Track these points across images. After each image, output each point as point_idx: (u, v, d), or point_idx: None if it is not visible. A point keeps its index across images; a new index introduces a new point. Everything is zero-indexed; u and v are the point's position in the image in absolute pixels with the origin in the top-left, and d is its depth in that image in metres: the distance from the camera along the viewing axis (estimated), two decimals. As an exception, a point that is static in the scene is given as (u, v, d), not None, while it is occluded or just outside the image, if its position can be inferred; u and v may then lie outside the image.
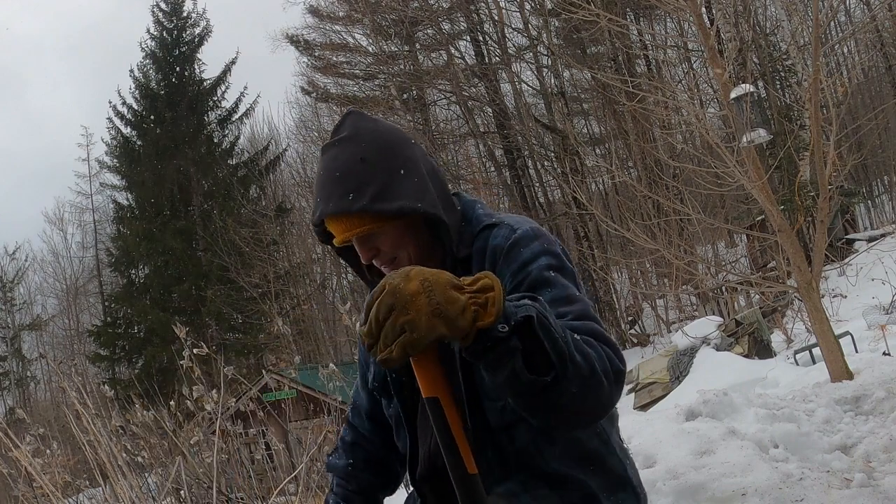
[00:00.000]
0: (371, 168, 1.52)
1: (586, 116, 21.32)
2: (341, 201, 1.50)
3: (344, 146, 1.56)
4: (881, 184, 21.00)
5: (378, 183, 1.51)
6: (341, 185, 1.51)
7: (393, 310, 1.12)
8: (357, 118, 1.61)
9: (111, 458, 3.77)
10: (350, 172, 1.52)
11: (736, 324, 9.17)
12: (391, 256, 1.56)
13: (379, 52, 20.31)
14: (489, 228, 1.59)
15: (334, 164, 1.54)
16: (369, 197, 1.50)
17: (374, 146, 1.56)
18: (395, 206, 1.50)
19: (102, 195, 27.58)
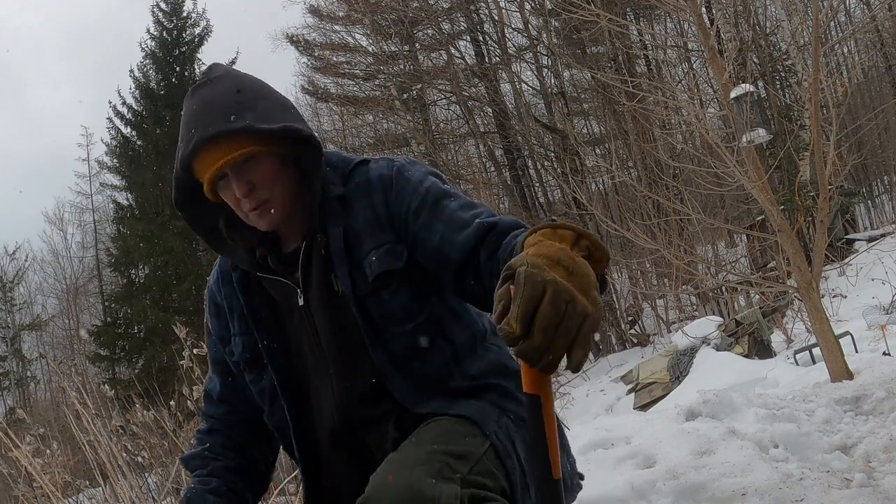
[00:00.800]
0: (248, 96, 1.49)
1: (586, 116, 21.32)
2: (220, 124, 1.44)
3: (217, 83, 1.51)
4: (881, 184, 21.00)
5: (257, 108, 1.47)
6: (218, 111, 1.45)
7: (567, 306, 0.97)
8: (225, 66, 1.60)
9: (111, 458, 3.77)
10: (228, 100, 1.47)
11: (736, 324, 9.17)
12: (265, 195, 1.50)
13: (379, 52, 20.31)
14: (363, 164, 1.59)
15: (207, 98, 1.49)
16: (251, 117, 1.45)
17: (249, 80, 1.55)
18: (278, 126, 1.46)
19: (102, 195, 27.61)
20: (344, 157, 1.63)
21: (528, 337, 0.97)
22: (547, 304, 0.97)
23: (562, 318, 0.97)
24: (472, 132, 19.98)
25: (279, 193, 1.51)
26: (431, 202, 1.50)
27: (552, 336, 0.97)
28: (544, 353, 0.97)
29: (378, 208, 1.53)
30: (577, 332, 0.98)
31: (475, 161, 20.95)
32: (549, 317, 0.96)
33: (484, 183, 18.57)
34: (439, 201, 1.50)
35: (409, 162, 1.59)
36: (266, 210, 1.50)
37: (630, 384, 9.56)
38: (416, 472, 1.30)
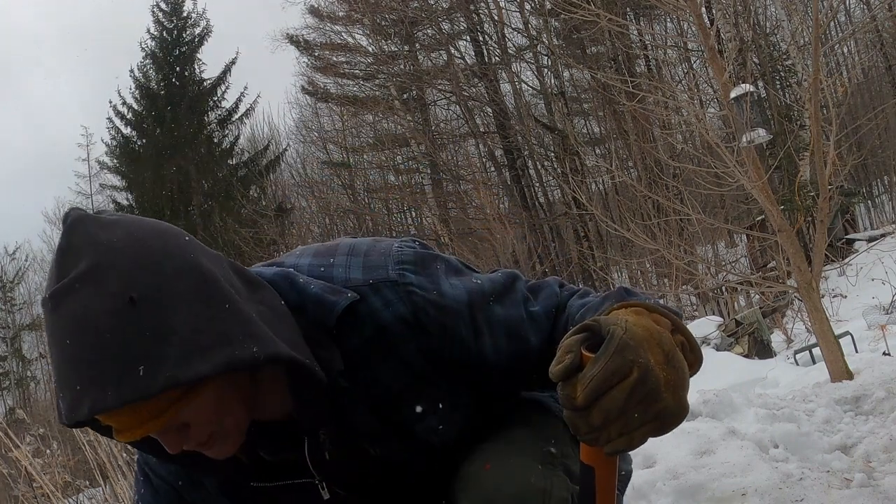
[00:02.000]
0: (152, 311, 0.93)
1: (586, 116, 21.32)
2: (127, 384, 0.91)
3: (89, 288, 0.94)
4: (881, 184, 20.99)
5: (175, 334, 0.93)
6: (113, 354, 0.91)
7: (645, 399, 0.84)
8: (88, 227, 0.99)
9: (111, 458, 3.77)
10: (120, 329, 0.92)
11: (736, 324, 9.17)
12: (209, 431, 1.04)
13: (379, 52, 20.31)
14: (360, 305, 1.10)
15: (86, 324, 0.92)
16: (171, 361, 0.92)
17: (142, 271, 0.95)
18: (220, 362, 0.95)
19: (102, 195, 27.60)
20: (322, 301, 1.10)
21: (586, 409, 0.85)
22: (625, 389, 0.84)
23: (633, 407, 0.84)
24: (472, 132, 19.98)
25: (230, 423, 1.06)
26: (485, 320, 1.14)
27: (612, 421, 0.85)
28: (594, 432, 0.86)
29: (415, 363, 1.13)
30: (637, 427, 0.86)
31: (475, 161, 20.96)
32: (619, 403, 0.84)
33: (484, 183, 18.57)
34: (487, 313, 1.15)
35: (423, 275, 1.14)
36: (214, 444, 1.06)
37: (630, 384, 9.53)
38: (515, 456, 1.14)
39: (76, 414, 0.94)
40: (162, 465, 1.22)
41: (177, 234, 1.03)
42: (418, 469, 1.22)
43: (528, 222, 17.49)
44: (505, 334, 1.15)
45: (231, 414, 1.05)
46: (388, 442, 1.18)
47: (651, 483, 3.16)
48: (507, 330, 1.16)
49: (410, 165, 21.66)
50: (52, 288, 0.96)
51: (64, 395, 0.94)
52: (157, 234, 1.00)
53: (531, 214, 18.14)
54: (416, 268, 1.14)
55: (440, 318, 1.12)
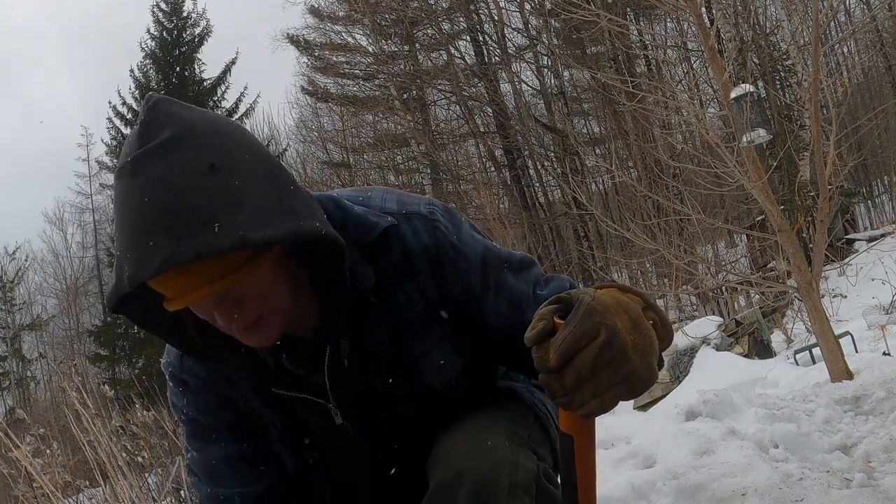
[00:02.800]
0: (232, 178, 1.00)
1: (586, 116, 21.33)
2: (200, 238, 0.96)
3: (174, 153, 0.99)
4: (881, 184, 20.99)
5: (249, 199, 1.00)
6: (191, 212, 0.96)
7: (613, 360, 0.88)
8: (173, 106, 1.05)
9: (111, 458, 3.77)
10: (200, 190, 0.98)
11: (736, 324, 9.17)
12: (257, 311, 1.09)
13: (379, 52, 20.31)
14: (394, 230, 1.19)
15: (165, 185, 0.98)
16: (244, 222, 0.98)
17: (223, 145, 1.03)
18: (288, 230, 1.02)
19: (102, 195, 27.60)
20: (363, 222, 1.18)
21: (558, 372, 0.88)
22: (594, 348, 0.87)
23: (602, 368, 0.88)
24: (472, 132, 19.98)
25: (276, 305, 1.11)
26: (494, 280, 1.21)
27: (583, 382, 0.88)
28: (568, 394, 0.89)
29: (428, 293, 1.21)
30: (608, 389, 0.89)
31: (475, 161, 20.96)
32: (589, 362, 0.87)
33: (484, 183, 18.57)
34: (498, 275, 1.22)
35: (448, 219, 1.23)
36: (259, 328, 1.11)
37: (630, 384, 9.53)
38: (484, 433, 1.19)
39: (145, 270, 0.97)
40: (198, 364, 1.27)
41: (239, 125, 1.11)
42: (411, 413, 1.29)
43: (528, 222, 17.49)
44: (508, 302, 1.22)
45: (280, 296, 1.10)
46: (395, 371, 1.24)
47: (651, 483, 3.16)
48: (511, 299, 1.22)
49: (410, 165, 21.66)
50: (133, 153, 1.00)
51: (132, 255, 0.98)
52: (227, 121, 1.09)
53: (531, 214, 18.14)
54: (445, 212, 1.24)
55: (456, 259, 1.20)
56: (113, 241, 0.94)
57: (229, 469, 1.32)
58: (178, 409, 1.34)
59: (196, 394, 1.30)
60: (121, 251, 1.01)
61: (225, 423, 1.31)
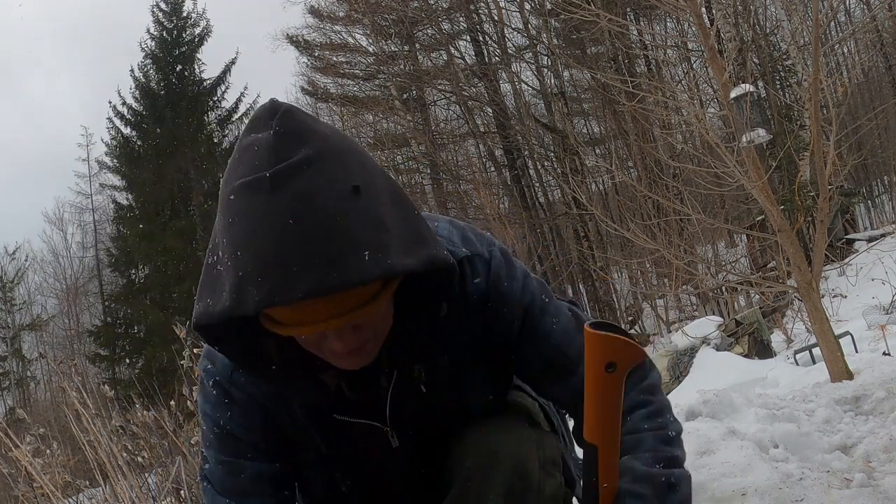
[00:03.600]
0: (375, 202, 0.96)
1: (586, 116, 21.33)
2: (352, 266, 0.92)
3: (317, 172, 0.94)
4: (881, 184, 21.00)
5: (393, 226, 0.97)
6: (343, 237, 0.92)
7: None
8: (304, 118, 1.00)
9: (111, 458, 3.77)
10: (348, 213, 0.94)
11: (736, 324, 9.17)
12: (367, 337, 1.08)
13: (379, 52, 20.31)
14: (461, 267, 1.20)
15: (314, 204, 0.93)
16: (394, 249, 0.96)
17: (362, 166, 0.99)
18: (426, 258, 1.00)
19: (102, 195, 27.62)
20: None
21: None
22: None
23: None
24: (472, 132, 19.97)
25: (383, 330, 1.10)
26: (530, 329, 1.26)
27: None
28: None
29: (477, 332, 1.25)
30: None
31: (475, 161, 20.96)
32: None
33: (484, 183, 18.57)
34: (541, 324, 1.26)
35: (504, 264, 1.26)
36: (362, 353, 1.09)
37: (630, 384, 9.54)
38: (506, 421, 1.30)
39: (283, 295, 0.91)
40: (251, 381, 1.22)
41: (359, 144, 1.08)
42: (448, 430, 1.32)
43: (528, 222, 17.48)
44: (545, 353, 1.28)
45: (388, 322, 1.10)
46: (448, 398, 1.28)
47: (651, 483, 3.16)
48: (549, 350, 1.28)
49: (410, 165, 21.67)
50: (270, 168, 0.93)
51: (265, 278, 0.91)
52: (352, 139, 1.07)
53: (531, 214, 18.14)
54: (503, 256, 1.27)
55: (503, 304, 1.24)
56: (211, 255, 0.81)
57: (254, 488, 1.29)
58: (211, 418, 1.29)
59: (242, 409, 1.26)
60: (246, 272, 0.93)
61: (262, 442, 1.28)
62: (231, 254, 0.96)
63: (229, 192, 0.97)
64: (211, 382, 1.28)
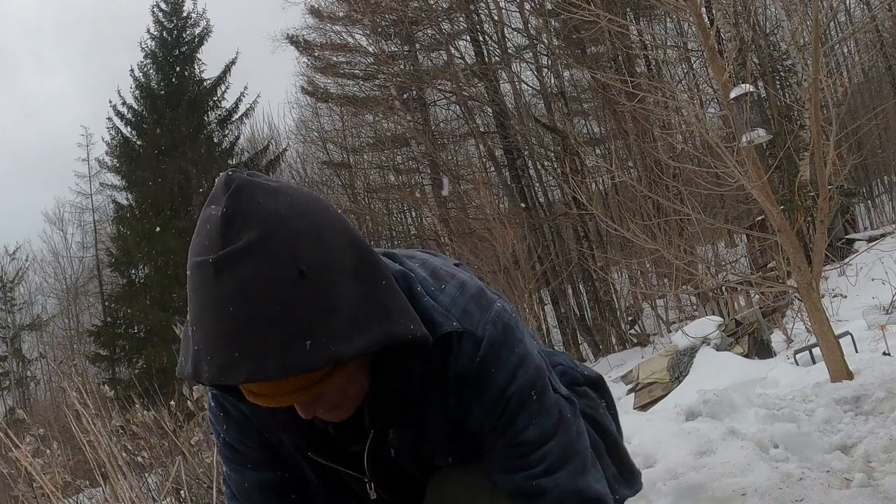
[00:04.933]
0: (321, 286, 0.94)
1: (586, 116, 21.32)
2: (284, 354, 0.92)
3: (259, 258, 0.93)
4: (881, 184, 21.00)
5: (341, 309, 0.95)
6: (278, 325, 0.92)
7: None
8: (257, 196, 0.97)
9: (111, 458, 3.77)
10: (288, 301, 0.92)
11: (736, 324, 9.17)
12: (334, 401, 1.09)
13: (379, 52, 20.30)
14: (446, 342, 1.15)
15: (254, 291, 0.92)
16: (335, 337, 0.94)
17: (311, 244, 0.96)
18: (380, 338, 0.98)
19: (102, 195, 27.61)
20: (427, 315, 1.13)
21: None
22: None
23: None
24: (472, 132, 19.97)
25: (354, 394, 1.11)
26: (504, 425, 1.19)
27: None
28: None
29: (453, 414, 1.21)
30: None
31: (475, 161, 20.96)
32: None
33: (484, 183, 18.57)
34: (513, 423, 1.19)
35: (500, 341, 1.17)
36: (336, 414, 1.13)
37: (630, 384, 9.55)
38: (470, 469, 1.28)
39: (227, 377, 0.93)
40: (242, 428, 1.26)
41: (332, 208, 1.04)
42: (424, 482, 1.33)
43: (528, 222, 17.48)
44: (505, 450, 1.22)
45: (357, 384, 1.09)
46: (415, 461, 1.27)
47: (651, 483, 3.16)
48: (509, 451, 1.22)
49: (410, 165, 21.66)
50: (216, 252, 0.94)
51: (213, 357, 0.93)
52: (317, 207, 1.00)
53: (531, 214, 18.13)
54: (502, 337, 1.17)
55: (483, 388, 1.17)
56: None
57: (261, 495, 1.31)
58: (215, 429, 1.32)
59: (238, 425, 1.28)
60: (200, 347, 0.96)
61: (261, 455, 1.30)
62: (191, 324, 0.98)
63: (188, 266, 0.99)
64: (211, 395, 1.29)
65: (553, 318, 18.35)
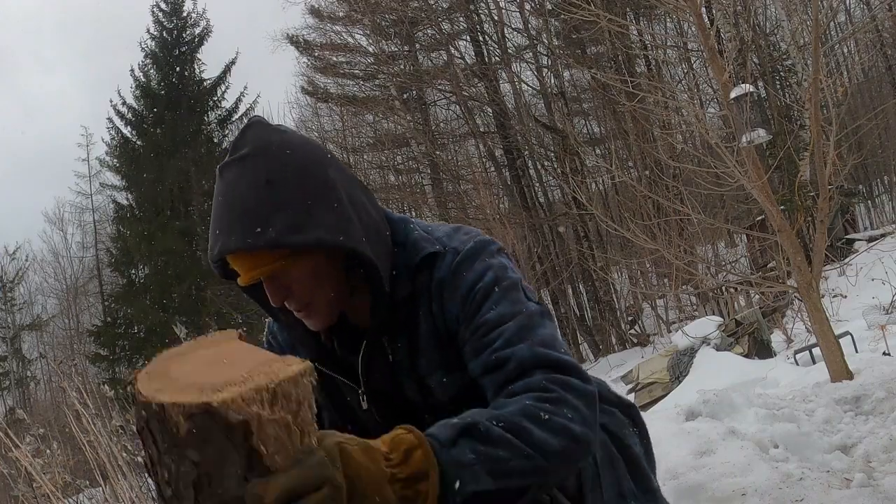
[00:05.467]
0: (279, 192, 1.26)
1: (586, 116, 21.32)
2: (245, 235, 1.24)
3: (245, 166, 1.29)
4: (881, 184, 21.00)
5: (288, 211, 1.25)
6: (244, 214, 1.25)
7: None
8: (262, 130, 1.34)
9: (111, 458, 3.77)
10: (254, 198, 1.26)
11: (736, 324, 9.17)
12: (305, 300, 1.34)
13: (379, 52, 20.31)
14: (431, 259, 1.37)
15: (234, 189, 1.27)
16: (279, 228, 1.24)
17: (283, 165, 1.29)
18: (311, 239, 1.25)
19: (102, 195, 27.61)
20: (415, 241, 1.39)
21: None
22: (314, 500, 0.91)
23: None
24: (472, 132, 19.97)
25: (322, 298, 1.35)
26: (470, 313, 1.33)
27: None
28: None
29: (437, 319, 1.37)
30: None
31: (475, 161, 20.96)
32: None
33: (484, 183, 18.58)
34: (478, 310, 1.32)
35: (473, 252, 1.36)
36: (309, 315, 1.37)
37: (630, 384, 9.55)
38: None
39: (212, 253, 1.29)
40: (280, 332, 1.55)
41: (320, 150, 1.37)
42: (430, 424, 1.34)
43: (528, 222, 17.48)
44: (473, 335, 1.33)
45: (322, 292, 1.34)
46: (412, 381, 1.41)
47: (651, 483, 3.16)
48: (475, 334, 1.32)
49: (410, 165, 21.66)
50: (224, 160, 1.32)
51: (214, 240, 1.28)
52: (304, 145, 1.34)
53: (531, 214, 18.13)
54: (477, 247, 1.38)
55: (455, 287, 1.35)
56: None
57: None
58: None
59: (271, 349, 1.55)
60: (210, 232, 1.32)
61: None
62: None
63: None
64: (267, 327, 1.61)
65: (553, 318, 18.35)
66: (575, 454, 1.18)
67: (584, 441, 1.18)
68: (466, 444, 1.09)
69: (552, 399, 1.18)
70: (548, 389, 1.19)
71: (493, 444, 1.10)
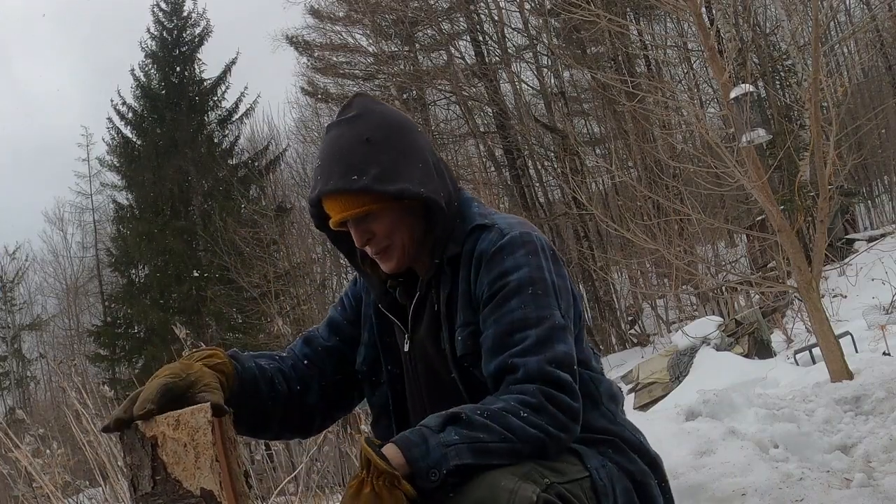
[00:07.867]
0: (375, 148, 1.52)
1: (586, 116, 21.32)
2: (342, 180, 1.50)
3: (349, 125, 1.56)
4: (881, 184, 21.00)
5: (381, 163, 1.50)
6: (343, 163, 1.51)
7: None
8: (365, 100, 1.62)
9: (111, 458, 3.77)
10: (353, 152, 1.52)
11: (736, 324, 9.18)
12: (385, 243, 1.57)
13: (379, 53, 20.31)
14: (480, 230, 1.57)
15: (338, 143, 1.54)
16: (371, 177, 1.49)
17: (380, 127, 1.55)
18: (397, 188, 1.50)
19: (102, 195, 27.58)
20: (473, 214, 1.61)
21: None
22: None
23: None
24: (472, 132, 19.97)
25: (399, 242, 1.57)
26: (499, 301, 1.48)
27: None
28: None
29: (471, 284, 1.55)
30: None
31: (475, 161, 20.95)
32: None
33: (484, 183, 18.58)
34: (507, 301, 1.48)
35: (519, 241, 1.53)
36: (386, 256, 1.58)
37: (630, 384, 9.56)
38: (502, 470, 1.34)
39: (312, 194, 1.56)
40: (353, 288, 1.79)
41: (411, 123, 1.64)
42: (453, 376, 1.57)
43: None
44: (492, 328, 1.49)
45: (399, 238, 1.56)
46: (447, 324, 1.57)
47: (651, 483, 3.16)
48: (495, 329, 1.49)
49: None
50: (332, 120, 1.60)
51: (311, 186, 1.57)
52: (399, 116, 1.62)
53: (531, 214, 18.13)
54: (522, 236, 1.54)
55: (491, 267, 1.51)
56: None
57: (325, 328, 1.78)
58: (343, 293, 1.83)
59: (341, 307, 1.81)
60: (311, 178, 1.62)
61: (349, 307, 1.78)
62: None
63: None
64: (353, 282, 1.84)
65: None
66: (547, 446, 1.37)
67: (555, 437, 1.37)
68: (452, 429, 1.32)
69: (534, 405, 1.37)
70: (535, 397, 1.38)
71: (475, 428, 1.32)
